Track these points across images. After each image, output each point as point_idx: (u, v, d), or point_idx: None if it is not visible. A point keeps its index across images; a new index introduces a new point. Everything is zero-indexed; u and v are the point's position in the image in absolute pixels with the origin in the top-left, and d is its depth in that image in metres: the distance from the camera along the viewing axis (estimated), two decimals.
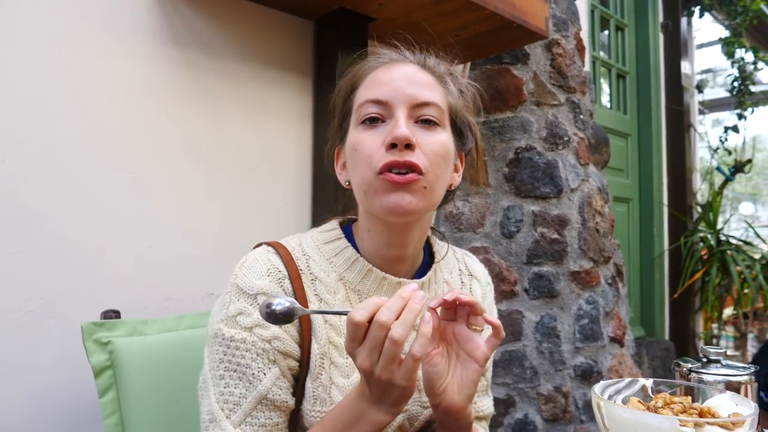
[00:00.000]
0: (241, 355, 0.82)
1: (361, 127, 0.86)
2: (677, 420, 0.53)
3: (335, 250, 0.92)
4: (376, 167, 0.81)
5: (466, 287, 1.03)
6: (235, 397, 0.81)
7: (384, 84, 0.85)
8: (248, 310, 0.84)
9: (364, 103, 0.85)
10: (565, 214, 2.28)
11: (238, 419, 0.81)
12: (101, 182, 1.39)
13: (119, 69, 1.43)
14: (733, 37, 4.20)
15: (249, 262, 0.89)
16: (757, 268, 3.93)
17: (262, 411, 0.82)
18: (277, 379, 0.83)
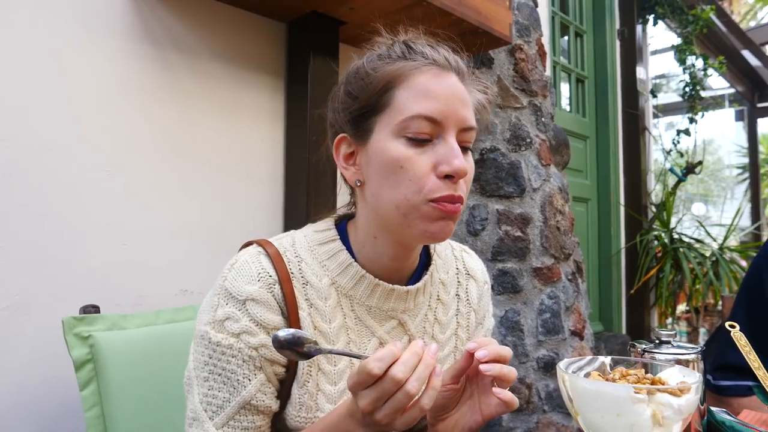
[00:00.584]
0: (227, 361, 0.82)
1: (404, 140, 0.80)
2: (632, 388, 0.59)
3: (329, 252, 0.90)
4: (428, 195, 0.79)
5: (462, 288, 1.02)
6: (219, 401, 0.81)
7: (436, 99, 0.80)
8: (236, 316, 0.82)
9: (416, 118, 0.79)
10: (527, 213, 2.37)
11: (221, 421, 0.81)
12: (77, 180, 1.41)
13: (95, 67, 1.45)
14: (684, 45, 4.39)
15: (239, 264, 0.86)
16: (708, 265, 4.11)
17: (245, 415, 0.82)
18: (262, 386, 0.83)
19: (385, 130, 0.82)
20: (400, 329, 0.93)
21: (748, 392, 1.26)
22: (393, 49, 0.85)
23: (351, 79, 0.87)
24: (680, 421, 0.61)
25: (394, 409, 0.67)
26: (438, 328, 0.97)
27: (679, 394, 0.60)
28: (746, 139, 8.37)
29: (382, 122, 0.82)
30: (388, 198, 0.82)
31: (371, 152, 0.83)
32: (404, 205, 0.80)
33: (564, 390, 0.65)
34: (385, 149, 0.81)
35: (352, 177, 0.88)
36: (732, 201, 10.15)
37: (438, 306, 0.98)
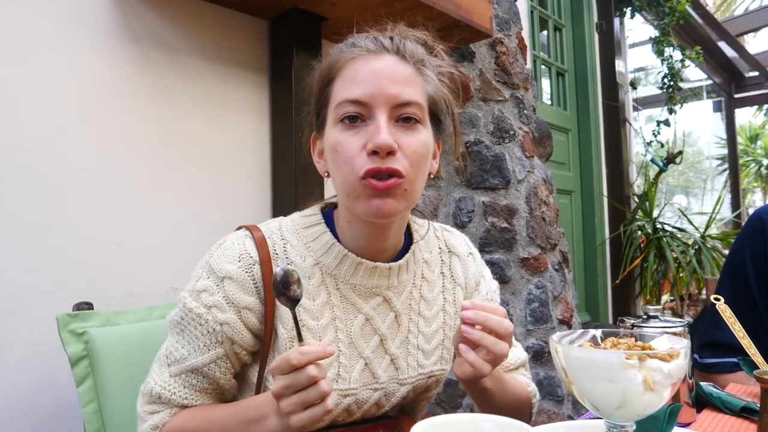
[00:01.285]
0: (194, 326, 0.88)
1: (340, 126, 0.85)
2: (624, 354, 0.61)
3: (313, 235, 0.94)
4: (358, 173, 0.82)
5: (446, 266, 1.05)
6: (178, 355, 0.89)
7: (363, 81, 0.84)
8: (212, 290, 0.88)
9: (343, 103, 0.84)
10: (513, 204, 2.39)
11: (175, 371, 0.89)
12: (63, 180, 1.40)
13: (78, 67, 1.45)
14: (662, 36, 4.45)
15: (226, 244, 0.92)
16: (691, 253, 4.18)
17: (195, 376, 0.89)
18: (217, 359, 0.89)
19: (330, 121, 0.88)
20: (386, 306, 0.95)
21: (734, 368, 1.28)
22: (342, 45, 0.92)
23: (310, 81, 0.96)
24: (670, 385, 0.63)
25: (302, 401, 0.73)
26: (424, 304, 1.00)
27: (669, 360, 0.62)
28: (725, 130, 8.50)
29: (328, 114, 0.89)
30: (336, 182, 0.89)
31: (325, 143, 0.90)
32: (345, 187, 0.86)
33: (558, 361, 0.67)
34: (329, 137, 0.88)
35: (321, 169, 0.95)
36: (712, 192, 10.30)
37: (423, 284, 1.00)
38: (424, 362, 0.97)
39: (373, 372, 0.92)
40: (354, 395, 0.90)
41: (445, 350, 1.01)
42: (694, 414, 0.92)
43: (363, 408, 0.91)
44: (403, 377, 0.95)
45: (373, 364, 0.92)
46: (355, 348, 0.92)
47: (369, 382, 0.92)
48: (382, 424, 0.92)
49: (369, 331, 0.93)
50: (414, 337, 0.97)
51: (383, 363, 0.94)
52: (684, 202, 9.45)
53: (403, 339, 0.96)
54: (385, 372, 0.93)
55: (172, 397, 0.88)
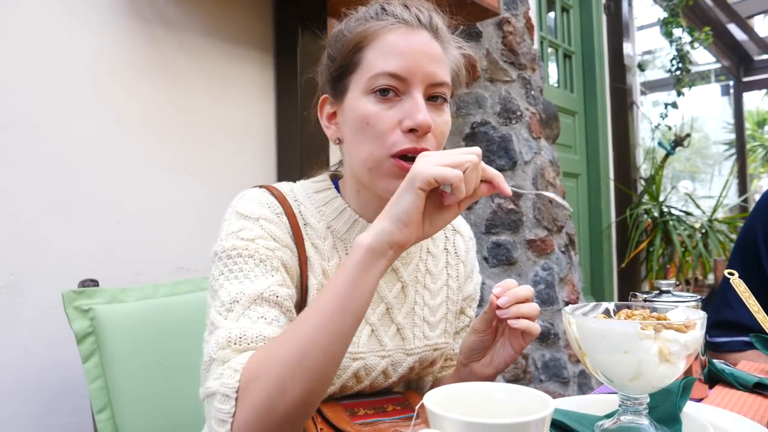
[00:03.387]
0: (244, 261, 0.80)
1: (372, 97, 0.83)
2: (639, 324, 0.60)
3: (324, 199, 0.93)
4: (390, 150, 0.81)
5: (450, 242, 1.06)
6: (233, 296, 0.77)
7: (402, 55, 0.82)
8: (250, 227, 0.83)
9: (380, 75, 0.82)
10: (520, 186, 2.37)
11: (236, 314, 0.75)
12: (67, 159, 1.39)
13: (82, 44, 1.43)
14: (671, 18, 4.39)
15: (248, 195, 0.89)
16: (697, 237, 4.15)
17: (260, 305, 0.77)
18: (277, 283, 0.80)
19: (357, 89, 0.85)
20: (393, 275, 0.95)
21: (744, 347, 1.28)
22: (368, 11, 0.88)
23: (331, 42, 0.91)
24: (686, 357, 0.62)
25: (440, 159, 0.71)
26: (429, 278, 1.00)
27: (685, 330, 0.61)
28: (732, 114, 8.43)
29: (354, 81, 0.86)
30: (357, 154, 0.85)
31: (346, 110, 0.87)
32: (369, 160, 0.84)
33: (571, 332, 0.66)
34: (356, 107, 0.84)
35: (332, 135, 0.92)
36: (719, 177, 10.26)
37: (428, 258, 1.01)
38: (430, 334, 0.98)
39: (379, 339, 0.92)
40: (363, 359, 0.90)
41: (449, 324, 1.02)
42: (706, 390, 0.91)
43: (371, 375, 0.91)
44: (409, 347, 0.95)
45: (379, 332, 0.93)
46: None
47: (376, 349, 0.92)
48: (391, 399, 0.92)
49: (375, 298, 0.93)
50: (420, 309, 0.98)
51: (389, 332, 0.94)
52: (690, 187, 9.40)
53: (409, 310, 0.96)
54: (392, 341, 0.94)
55: (244, 333, 0.73)
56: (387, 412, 0.89)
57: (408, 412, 0.88)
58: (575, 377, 2.38)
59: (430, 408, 0.47)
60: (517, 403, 0.53)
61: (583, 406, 0.78)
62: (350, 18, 0.90)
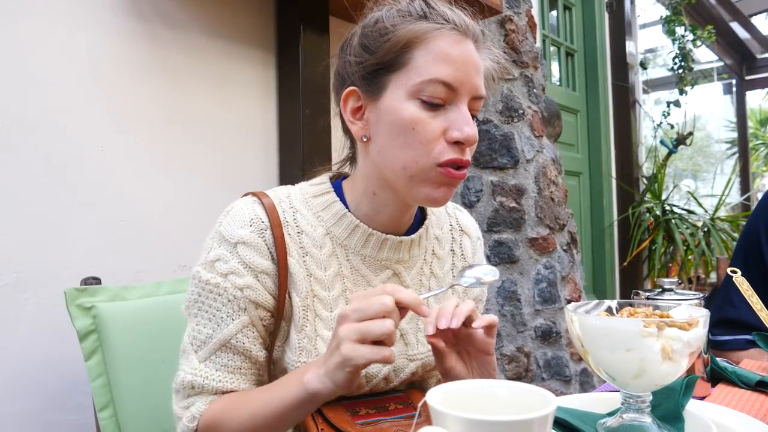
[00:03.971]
0: (213, 299, 0.85)
1: (418, 102, 0.80)
2: (642, 322, 0.60)
3: (323, 204, 0.91)
4: (437, 159, 0.81)
5: (456, 243, 1.04)
6: (203, 336, 0.85)
7: (454, 63, 0.80)
8: (226, 257, 0.85)
9: (432, 81, 0.79)
10: (522, 184, 2.37)
11: (203, 355, 0.85)
12: (70, 156, 1.39)
13: (83, 42, 1.43)
14: (673, 16, 4.38)
15: (234, 210, 0.89)
16: (700, 236, 4.15)
17: (225, 353, 0.85)
18: (244, 327, 0.85)
19: (400, 90, 0.81)
20: (396, 280, 0.94)
21: (747, 346, 1.28)
22: (413, 5, 0.84)
23: (368, 32, 0.85)
24: (688, 355, 0.61)
25: (364, 330, 0.68)
26: (434, 281, 0.98)
27: (688, 328, 0.61)
28: (734, 113, 8.41)
29: (397, 81, 0.82)
30: (396, 158, 0.83)
31: (382, 110, 0.83)
32: (412, 167, 0.82)
33: (573, 330, 0.66)
34: (398, 109, 0.81)
35: (359, 132, 0.87)
36: (721, 176, 10.25)
37: (433, 260, 0.99)
38: None
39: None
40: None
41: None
42: (708, 388, 0.91)
43: (372, 382, 0.90)
44: (412, 353, 0.94)
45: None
46: None
47: None
48: (392, 397, 0.91)
49: None
50: None
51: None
52: (693, 186, 9.38)
53: (412, 315, 0.94)
54: (395, 347, 0.92)
55: (206, 382, 0.84)
56: (389, 411, 0.89)
57: (410, 410, 0.88)
58: (577, 376, 2.38)
59: (433, 405, 0.47)
60: (519, 400, 0.53)
61: (585, 403, 0.78)
62: (391, 8, 0.85)
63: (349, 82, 0.87)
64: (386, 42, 0.82)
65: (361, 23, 0.88)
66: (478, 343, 0.82)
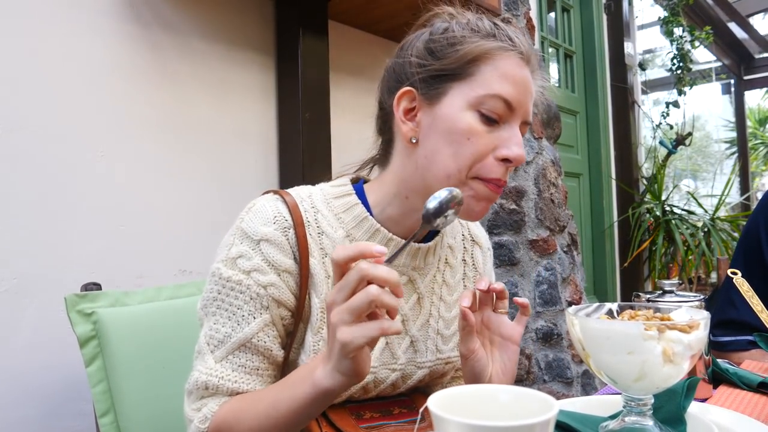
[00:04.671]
0: (235, 296, 0.83)
1: (478, 115, 0.82)
2: (643, 325, 0.60)
3: (345, 206, 0.90)
4: (479, 172, 0.82)
5: (468, 253, 1.04)
6: (221, 335, 0.83)
7: (516, 85, 0.82)
8: (249, 254, 0.84)
9: (495, 96, 0.81)
10: (521, 186, 2.37)
11: (220, 355, 0.82)
12: (70, 162, 1.39)
13: (83, 48, 1.43)
14: (671, 17, 4.39)
15: (256, 207, 0.87)
16: (700, 236, 4.15)
17: (244, 353, 0.83)
18: (265, 326, 0.83)
19: (460, 99, 0.83)
20: (410, 286, 0.94)
21: (748, 346, 1.28)
22: (482, 23, 0.86)
23: (437, 38, 0.86)
24: (690, 357, 0.61)
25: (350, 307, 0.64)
26: (446, 289, 0.98)
27: (689, 330, 0.61)
28: (733, 113, 8.42)
29: (458, 90, 0.83)
30: (444, 164, 0.83)
31: (439, 115, 0.84)
32: (455, 177, 0.82)
33: (574, 333, 0.66)
34: (456, 118, 0.82)
35: (408, 133, 0.87)
36: (721, 176, 10.25)
37: (446, 269, 0.99)
38: (443, 347, 0.96)
39: (392, 352, 0.91)
40: (374, 373, 0.89)
41: None
42: (710, 390, 0.90)
43: (379, 387, 0.90)
44: (421, 360, 0.94)
45: (393, 344, 0.91)
46: None
47: (388, 362, 0.90)
48: (397, 401, 0.91)
49: None
50: (435, 321, 0.96)
51: (403, 344, 0.92)
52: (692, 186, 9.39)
53: (423, 322, 0.95)
54: (405, 353, 0.92)
55: (221, 382, 0.82)
56: (393, 415, 0.89)
57: (414, 415, 0.88)
58: (579, 377, 2.38)
59: (434, 410, 0.47)
60: (521, 405, 0.52)
61: (586, 407, 0.78)
62: (460, 20, 0.87)
63: (408, 83, 0.87)
64: (455, 51, 0.83)
65: (429, 29, 0.89)
66: (506, 328, 0.83)
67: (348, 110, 2.07)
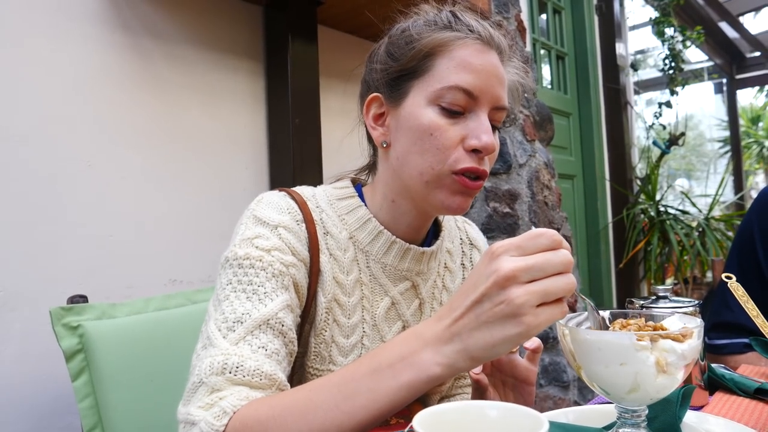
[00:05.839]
0: (255, 273, 0.76)
1: (438, 109, 0.80)
2: (635, 335, 0.58)
3: (348, 207, 0.90)
4: (452, 166, 0.80)
5: (467, 257, 1.03)
6: (238, 314, 0.72)
7: (476, 72, 0.80)
8: (267, 235, 0.80)
9: (453, 88, 0.79)
10: (515, 189, 2.36)
11: (236, 336, 0.70)
12: (56, 172, 1.38)
13: (68, 56, 1.41)
14: (662, 17, 4.39)
15: (266, 199, 0.86)
16: (695, 236, 4.14)
17: (264, 333, 0.72)
18: (286, 307, 0.76)
19: (420, 96, 0.82)
20: (413, 292, 0.93)
21: (744, 349, 1.26)
22: (440, 16, 0.85)
23: (395, 40, 0.86)
24: (684, 367, 0.60)
25: (546, 290, 0.56)
26: (446, 295, 0.97)
27: (682, 340, 0.59)
28: (726, 112, 8.44)
29: (418, 87, 0.82)
30: (414, 163, 0.82)
31: (403, 116, 0.83)
32: (428, 173, 0.81)
33: (565, 345, 0.64)
34: (418, 115, 0.81)
35: (379, 137, 0.87)
36: (715, 175, 10.27)
37: (446, 273, 0.98)
38: None
39: None
40: None
41: None
42: (707, 396, 0.89)
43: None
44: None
45: None
46: (378, 332, 0.89)
47: None
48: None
49: (393, 316, 0.90)
50: None
51: None
52: (686, 185, 9.41)
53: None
54: None
55: (241, 361, 0.68)
56: (390, 426, 0.87)
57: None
58: (575, 381, 2.36)
59: (418, 430, 0.46)
60: (510, 422, 0.51)
61: (580, 417, 0.76)
62: (417, 18, 0.86)
63: (374, 89, 0.88)
64: (411, 49, 0.83)
65: (389, 33, 0.89)
66: (520, 371, 0.80)
67: (339, 115, 2.06)
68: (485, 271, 0.59)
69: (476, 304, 0.59)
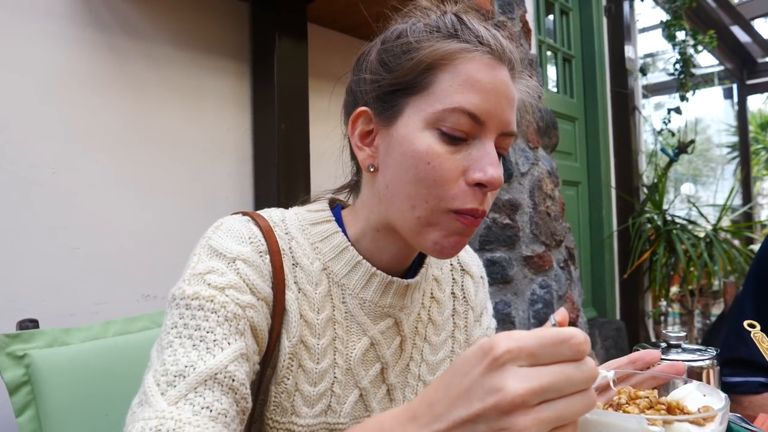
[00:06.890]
0: (204, 317, 0.65)
1: (436, 133, 0.68)
2: (645, 419, 0.48)
3: (322, 234, 0.78)
4: (450, 204, 0.68)
5: (458, 285, 0.92)
6: (180, 366, 0.61)
7: (484, 93, 0.68)
8: (222, 270, 0.68)
9: (456, 111, 0.67)
10: (516, 199, 2.25)
11: (176, 394, 0.59)
12: (17, 180, 1.27)
13: (34, 56, 1.31)
14: (673, 20, 4.27)
15: (225, 226, 0.74)
16: (702, 247, 4.02)
17: (210, 390, 0.60)
18: (240, 356, 0.64)
19: (417, 117, 0.70)
20: (394, 329, 0.81)
21: (760, 389, 1.16)
22: (443, 20, 0.72)
23: (389, 46, 0.74)
24: None
25: (562, 414, 0.43)
26: (432, 329, 0.86)
27: (702, 423, 0.48)
28: (735, 117, 8.30)
29: (415, 106, 0.70)
30: (405, 194, 0.70)
31: (395, 138, 0.71)
32: (421, 208, 0.69)
33: None
34: (413, 139, 0.69)
35: (366, 160, 0.75)
36: (722, 181, 10.14)
37: (432, 305, 0.87)
38: None
39: (366, 404, 0.79)
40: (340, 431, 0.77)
41: None
42: None
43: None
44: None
45: (368, 396, 0.79)
46: (352, 376, 0.78)
47: (360, 415, 0.78)
48: None
49: (371, 358, 0.79)
50: (416, 366, 0.83)
51: (379, 394, 0.80)
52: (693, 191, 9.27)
53: (403, 367, 0.82)
54: (379, 404, 0.80)
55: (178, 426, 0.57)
56: None
57: None
58: None
59: None
60: None
61: None
62: (416, 21, 0.74)
63: (362, 102, 0.75)
64: (408, 60, 0.70)
65: (382, 36, 0.76)
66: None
67: (329, 119, 1.95)
68: (483, 381, 0.43)
69: (467, 423, 0.44)
